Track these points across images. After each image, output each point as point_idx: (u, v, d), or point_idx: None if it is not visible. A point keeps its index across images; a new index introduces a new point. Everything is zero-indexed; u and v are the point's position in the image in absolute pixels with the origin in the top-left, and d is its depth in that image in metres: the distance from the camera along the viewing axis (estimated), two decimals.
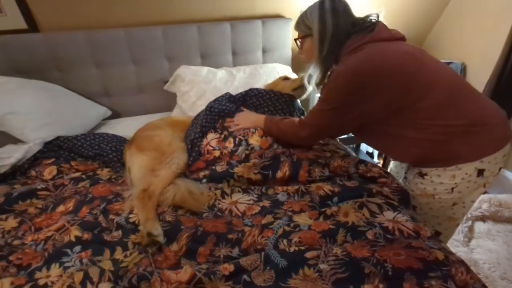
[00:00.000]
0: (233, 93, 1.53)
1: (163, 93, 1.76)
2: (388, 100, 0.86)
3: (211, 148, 1.16)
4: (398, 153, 1.00)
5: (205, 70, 1.55)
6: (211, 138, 1.18)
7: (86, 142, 1.17)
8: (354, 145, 2.17)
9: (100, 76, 1.70)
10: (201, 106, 1.47)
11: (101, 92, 1.75)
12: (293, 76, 1.67)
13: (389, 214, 0.84)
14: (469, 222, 1.58)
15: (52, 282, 0.68)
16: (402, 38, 0.95)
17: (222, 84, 1.50)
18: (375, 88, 0.85)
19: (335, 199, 0.91)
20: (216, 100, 1.34)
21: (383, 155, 1.92)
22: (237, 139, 1.14)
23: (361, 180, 0.99)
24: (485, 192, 0.94)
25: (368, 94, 0.86)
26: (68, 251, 0.76)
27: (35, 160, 1.16)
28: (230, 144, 1.13)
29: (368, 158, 2.05)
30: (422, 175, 0.95)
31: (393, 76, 0.84)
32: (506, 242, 1.46)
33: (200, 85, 1.47)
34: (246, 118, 1.19)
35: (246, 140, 1.14)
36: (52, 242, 0.80)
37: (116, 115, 1.82)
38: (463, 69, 2.20)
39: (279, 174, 1.01)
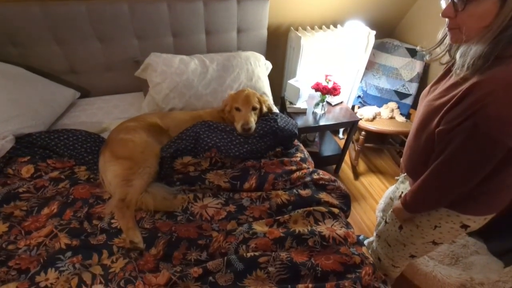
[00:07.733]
0: (205, 86, 1.54)
1: (134, 72, 1.71)
2: None
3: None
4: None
5: (177, 59, 1.51)
6: (188, 160, 1.24)
7: (60, 142, 1.20)
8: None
9: (63, 53, 1.60)
10: (173, 98, 1.49)
11: (66, 70, 1.67)
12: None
13: (329, 222, 1.05)
14: None
15: (52, 284, 0.83)
16: None
17: (194, 77, 1.50)
18: None
19: (290, 207, 1.10)
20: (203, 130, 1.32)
21: (348, 131, 2.02)
22: (213, 160, 1.23)
23: (314, 188, 1.17)
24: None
25: None
26: (61, 256, 0.90)
27: (10, 158, 1.19)
28: (205, 164, 1.23)
29: (332, 139, 2.24)
30: None
31: None
32: None
33: (173, 77, 1.46)
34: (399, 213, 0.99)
35: (223, 163, 1.24)
36: (44, 248, 0.93)
37: (85, 93, 1.77)
38: None
39: (246, 185, 1.16)
